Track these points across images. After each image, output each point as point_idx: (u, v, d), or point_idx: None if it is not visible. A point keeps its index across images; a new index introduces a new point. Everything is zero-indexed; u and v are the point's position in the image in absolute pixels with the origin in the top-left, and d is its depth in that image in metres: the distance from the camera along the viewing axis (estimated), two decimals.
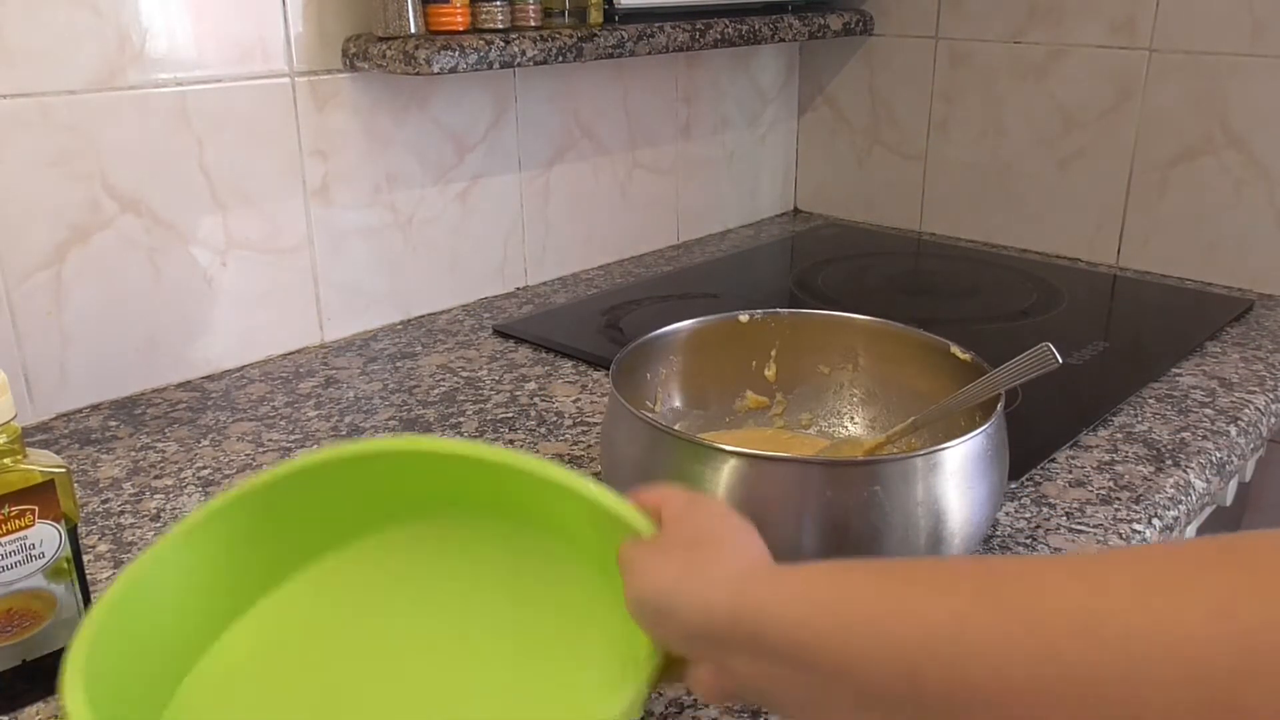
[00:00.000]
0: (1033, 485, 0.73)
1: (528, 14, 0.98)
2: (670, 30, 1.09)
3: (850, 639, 0.33)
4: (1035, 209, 1.29)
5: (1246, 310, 1.08)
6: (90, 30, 0.80)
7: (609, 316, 1.08)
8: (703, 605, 0.38)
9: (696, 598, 0.38)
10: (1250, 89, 1.10)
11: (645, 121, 1.27)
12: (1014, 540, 0.66)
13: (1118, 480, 0.73)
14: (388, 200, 1.03)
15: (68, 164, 0.81)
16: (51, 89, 0.79)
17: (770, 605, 0.36)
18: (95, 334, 0.86)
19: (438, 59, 0.88)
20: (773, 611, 0.35)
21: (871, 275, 1.24)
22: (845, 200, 1.47)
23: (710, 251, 1.34)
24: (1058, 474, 0.75)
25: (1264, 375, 0.91)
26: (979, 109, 1.30)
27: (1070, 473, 0.75)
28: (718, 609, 0.37)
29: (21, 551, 0.51)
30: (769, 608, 0.36)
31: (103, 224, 0.84)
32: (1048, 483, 0.73)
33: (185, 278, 0.90)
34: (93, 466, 0.77)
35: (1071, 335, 1.00)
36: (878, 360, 0.75)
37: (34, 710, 0.53)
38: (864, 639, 0.33)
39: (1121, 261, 1.24)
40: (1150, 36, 1.15)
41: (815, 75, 1.45)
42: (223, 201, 0.91)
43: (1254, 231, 1.13)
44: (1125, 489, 0.72)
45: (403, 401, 0.88)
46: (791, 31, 1.24)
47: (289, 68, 0.92)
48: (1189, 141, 1.15)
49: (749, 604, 0.36)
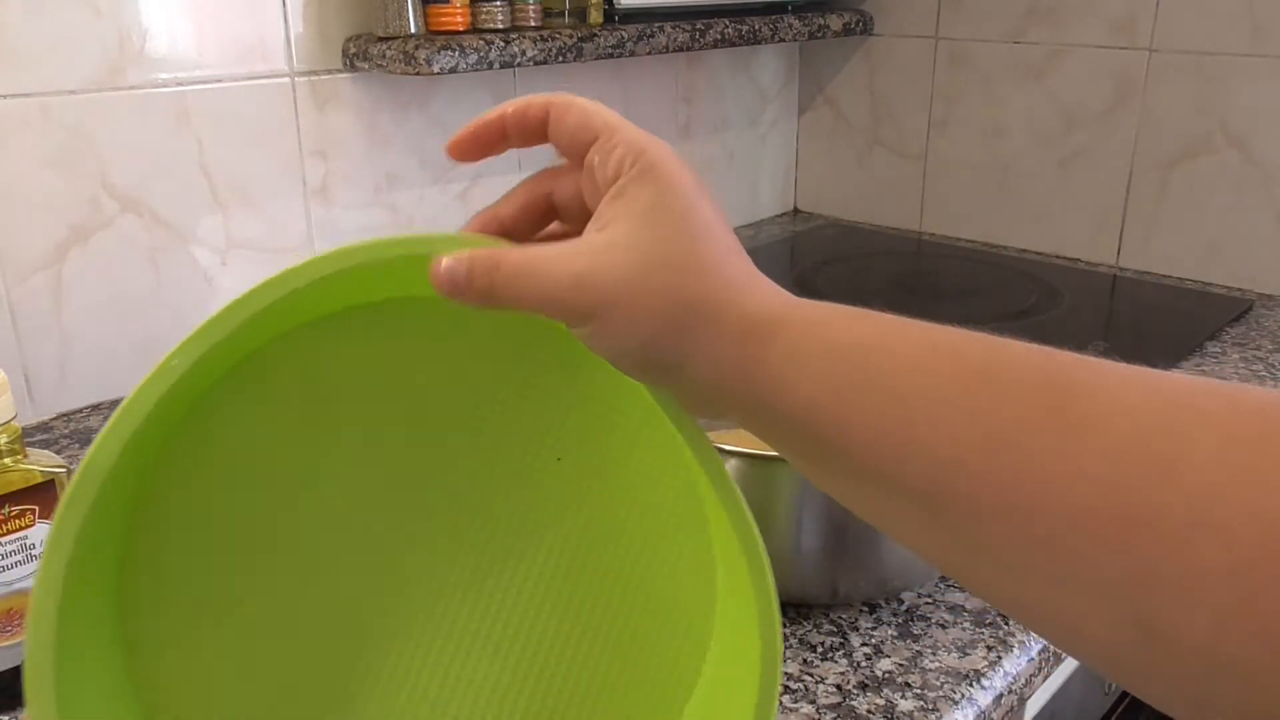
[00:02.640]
0: None
1: (528, 14, 0.98)
2: (670, 30, 1.09)
3: (884, 443, 0.30)
4: (1035, 209, 1.29)
5: (1246, 310, 1.08)
6: (90, 30, 0.80)
7: None
8: (712, 370, 0.34)
9: (696, 344, 0.33)
10: (1250, 89, 1.10)
11: (645, 121, 1.26)
12: None
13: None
14: (388, 200, 1.03)
15: (68, 164, 0.81)
16: (51, 89, 0.79)
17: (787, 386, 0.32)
18: (95, 334, 0.86)
19: (438, 59, 0.88)
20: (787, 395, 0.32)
21: (871, 275, 1.24)
22: (845, 200, 1.47)
23: None
24: None
25: (1264, 375, 0.91)
26: (979, 109, 1.30)
27: None
28: (727, 375, 0.33)
29: (22, 551, 0.51)
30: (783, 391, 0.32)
31: (103, 224, 0.84)
32: None
33: (185, 278, 0.90)
34: None
35: (1071, 335, 1.00)
36: None
37: None
38: (902, 445, 0.30)
39: (1121, 261, 1.24)
40: (1150, 36, 1.15)
41: (815, 75, 1.45)
42: (223, 201, 0.91)
43: (1254, 231, 1.13)
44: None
45: None
46: (791, 31, 1.24)
47: (289, 68, 0.92)
48: (1189, 141, 1.15)
49: (757, 342, 0.33)
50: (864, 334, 0.32)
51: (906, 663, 0.56)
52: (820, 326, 0.33)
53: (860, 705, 0.52)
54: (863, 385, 0.31)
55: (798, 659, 0.56)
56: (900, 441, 0.30)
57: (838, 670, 0.55)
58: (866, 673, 0.55)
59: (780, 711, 0.52)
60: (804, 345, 0.32)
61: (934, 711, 0.52)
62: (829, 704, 0.53)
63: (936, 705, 0.53)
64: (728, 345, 0.33)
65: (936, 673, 0.55)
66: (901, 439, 0.30)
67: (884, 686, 0.54)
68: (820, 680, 0.54)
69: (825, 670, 0.55)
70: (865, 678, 0.55)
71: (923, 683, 0.54)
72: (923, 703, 0.53)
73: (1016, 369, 0.29)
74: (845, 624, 0.59)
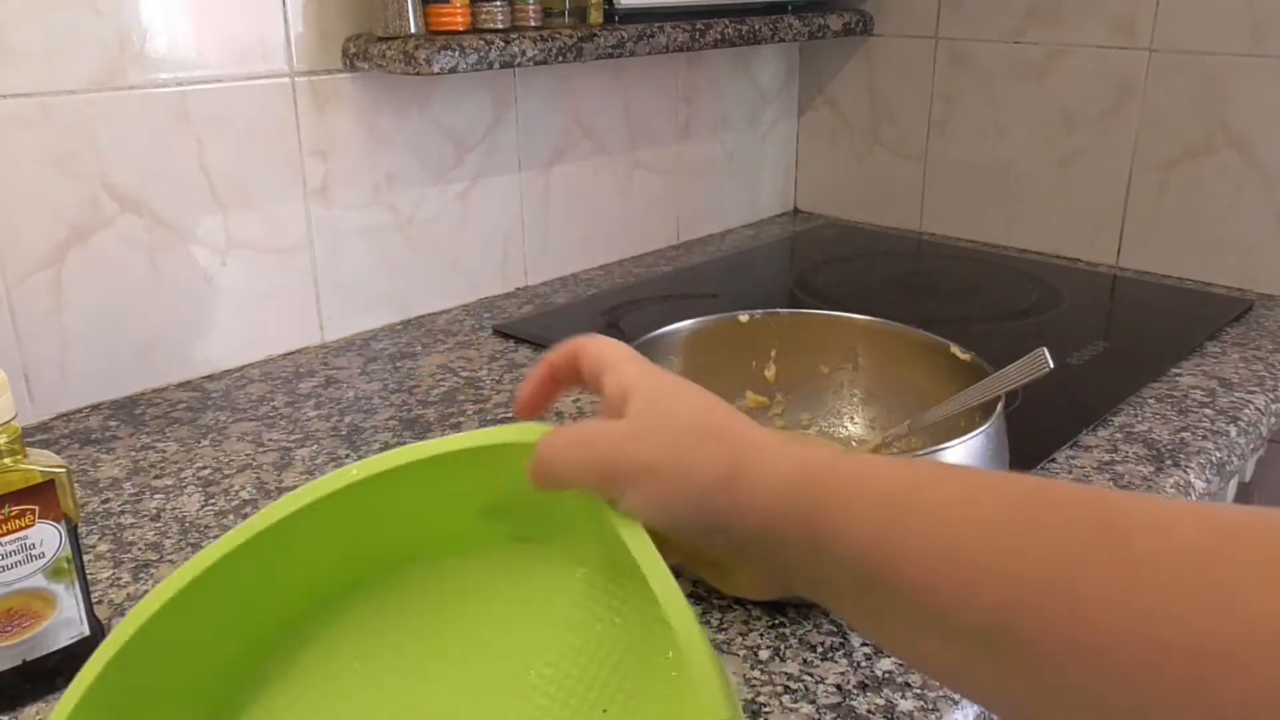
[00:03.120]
0: None
1: (528, 14, 0.98)
2: (670, 30, 1.09)
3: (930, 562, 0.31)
4: (1035, 209, 1.29)
5: (1246, 310, 1.08)
6: (90, 30, 0.80)
7: (609, 316, 1.08)
8: (763, 519, 0.35)
9: (753, 491, 0.35)
10: (1250, 89, 1.10)
11: (645, 121, 1.27)
12: None
13: (1118, 480, 0.73)
14: (388, 200, 1.03)
15: (68, 164, 0.81)
16: (51, 89, 0.79)
17: (833, 489, 0.34)
18: (95, 334, 0.86)
19: (438, 59, 0.88)
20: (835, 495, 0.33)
21: (871, 275, 1.24)
22: (845, 200, 1.47)
23: (710, 251, 1.34)
24: (1058, 474, 0.75)
25: (1264, 375, 0.91)
26: (979, 109, 1.30)
27: (1070, 473, 0.75)
28: (773, 502, 0.35)
29: (22, 551, 0.51)
30: (832, 488, 0.34)
31: (103, 224, 0.84)
32: None
33: (185, 278, 0.90)
34: (93, 466, 0.77)
35: (1071, 335, 1.00)
36: (878, 360, 0.75)
37: (34, 710, 0.53)
38: (950, 565, 0.30)
39: (1121, 261, 1.24)
40: (1150, 36, 1.15)
41: (815, 75, 1.45)
42: (223, 201, 0.91)
43: (1254, 231, 1.13)
44: (1125, 489, 0.72)
45: (403, 401, 0.88)
46: (791, 31, 1.24)
47: (289, 68, 0.92)
48: (1189, 141, 1.15)
49: (810, 488, 0.34)
50: (910, 476, 0.33)
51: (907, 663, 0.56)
52: (866, 473, 0.34)
53: (860, 705, 0.52)
54: (913, 525, 0.31)
55: (798, 659, 0.56)
56: (957, 581, 0.30)
57: (838, 670, 0.55)
58: (866, 673, 0.55)
59: (780, 711, 0.52)
60: (850, 490, 0.33)
61: (934, 711, 0.52)
62: (829, 704, 0.53)
63: (936, 705, 0.53)
64: (774, 497, 0.34)
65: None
66: (959, 579, 0.30)
67: (884, 686, 0.54)
68: (820, 680, 0.54)
69: (825, 670, 0.55)
70: (865, 678, 0.55)
71: (923, 683, 0.54)
72: (923, 703, 0.53)
73: (1066, 504, 0.30)
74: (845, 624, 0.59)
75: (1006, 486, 0.31)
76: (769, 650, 0.57)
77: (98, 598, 0.61)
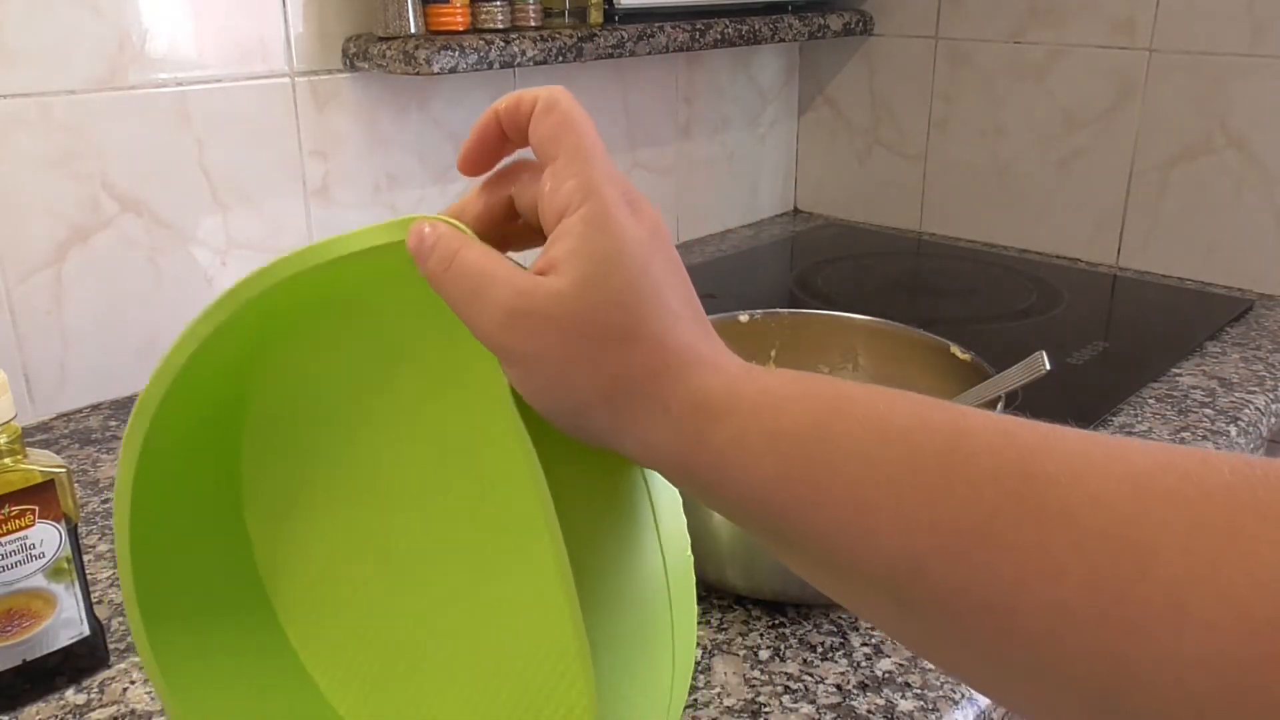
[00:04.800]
0: None
1: (528, 14, 0.98)
2: (670, 30, 1.09)
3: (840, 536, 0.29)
4: (1035, 209, 1.29)
5: (1246, 310, 1.08)
6: (90, 30, 0.80)
7: None
8: (646, 450, 0.32)
9: (635, 441, 0.32)
10: (1250, 89, 1.10)
11: (645, 121, 1.27)
12: None
13: None
14: (388, 200, 1.03)
15: (68, 164, 0.81)
16: (51, 89, 0.79)
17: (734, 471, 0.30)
18: (95, 334, 0.86)
19: (438, 59, 0.88)
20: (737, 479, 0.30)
21: (871, 275, 1.24)
22: (845, 200, 1.47)
23: (710, 251, 1.34)
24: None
25: (1264, 375, 0.91)
26: (979, 109, 1.30)
27: None
28: (665, 455, 0.32)
29: (22, 551, 0.51)
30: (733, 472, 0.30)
31: (103, 224, 0.84)
32: None
33: (185, 278, 0.90)
34: (93, 466, 0.77)
35: (1071, 335, 1.00)
36: (878, 360, 0.75)
37: (34, 710, 0.53)
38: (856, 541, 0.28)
39: (1121, 261, 1.24)
40: (1150, 36, 1.15)
41: (815, 75, 1.45)
42: (223, 201, 0.91)
43: (1254, 231, 1.13)
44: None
45: None
46: (791, 31, 1.24)
47: (289, 68, 0.92)
48: (1189, 141, 1.15)
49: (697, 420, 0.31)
50: (817, 413, 0.30)
51: (906, 663, 0.56)
52: (767, 408, 0.30)
53: (860, 705, 0.52)
54: (814, 473, 0.29)
55: (798, 659, 0.56)
56: (860, 531, 0.28)
57: (838, 670, 0.55)
58: (866, 673, 0.55)
59: (780, 711, 0.52)
60: (751, 427, 0.30)
61: (934, 711, 0.52)
62: (829, 704, 0.53)
63: (936, 705, 0.53)
64: (661, 427, 0.31)
65: (936, 673, 0.55)
66: (862, 528, 0.28)
67: (884, 686, 0.54)
68: (820, 680, 0.54)
69: (825, 670, 0.55)
70: (865, 678, 0.55)
71: (923, 683, 0.54)
72: (923, 703, 0.53)
73: (979, 455, 0.27)
74: (845, 624, 0.59)
75: (919, 436, 0.28)
76: (769, 650, 0.57)
77: (98, 598, 0.61)
